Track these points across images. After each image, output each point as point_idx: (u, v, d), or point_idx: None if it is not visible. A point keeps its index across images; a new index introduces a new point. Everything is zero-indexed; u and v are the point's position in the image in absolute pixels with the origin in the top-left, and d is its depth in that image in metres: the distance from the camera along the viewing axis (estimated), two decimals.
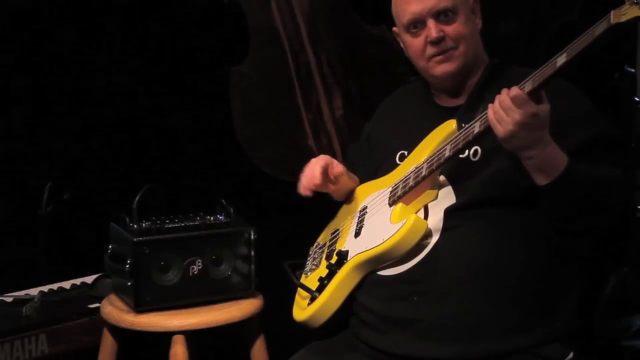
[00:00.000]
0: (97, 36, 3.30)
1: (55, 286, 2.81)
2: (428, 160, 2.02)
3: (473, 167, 2.01)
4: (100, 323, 2.53)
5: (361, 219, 2.19)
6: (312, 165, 2.24)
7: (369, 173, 2.28)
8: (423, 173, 2.01)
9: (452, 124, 2.04)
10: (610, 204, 1.88)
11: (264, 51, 3.12)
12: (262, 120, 3.15)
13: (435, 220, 1.99)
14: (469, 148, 2.00)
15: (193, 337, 2.44)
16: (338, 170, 2.23)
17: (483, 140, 1.94)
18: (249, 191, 3.34)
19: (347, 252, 2.11)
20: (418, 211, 2.04)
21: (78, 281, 2.88)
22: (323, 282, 2.10)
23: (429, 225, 1.98)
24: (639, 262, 2.05)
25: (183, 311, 2.43)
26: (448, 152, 1.96)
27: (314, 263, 2.26)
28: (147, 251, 2.38)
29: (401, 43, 2.20)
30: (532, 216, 1.94)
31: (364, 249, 2.04)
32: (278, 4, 3.09)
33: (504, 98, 1.80)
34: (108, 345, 2.53)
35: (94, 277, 2.78)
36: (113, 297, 2.54)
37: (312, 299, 2.10)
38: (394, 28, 2.20)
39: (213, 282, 2.47)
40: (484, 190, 1.96)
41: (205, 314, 2.43)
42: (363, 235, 2.13)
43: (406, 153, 2.16)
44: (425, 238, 1.97)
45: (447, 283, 1.91)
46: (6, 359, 2.44)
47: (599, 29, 1.68)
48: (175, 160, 3.44)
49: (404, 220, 1.97)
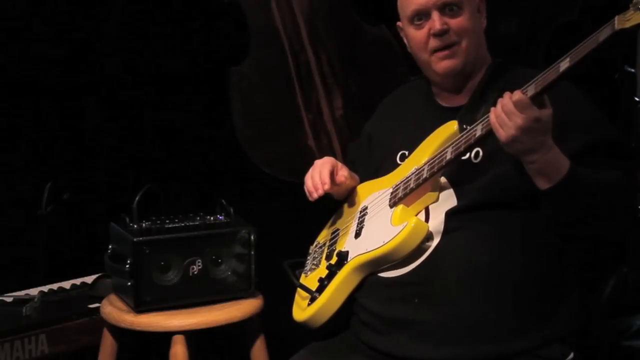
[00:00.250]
0: (97, 35, 3.29)
1: (55, 286, 2.81)
2: (429, 162, 2.01)
3: (474, 169, 2.00)
4: (100, 323, 2.53)
5: (361, 220, 2.19)
6: (318, 168, 2.22)
7: (369, 172, 2.28)
8: (424, 175, 2.00)
9: (454, 125, 2.03)
10: (612, 209, 1.87)
11: (264, 51, 3.11)
12: (262, 120, 3.14)
13: (436, 222, 1.98)
14: (471, 151, 1.99)
15: (193, 337, 2.44)
16: (343, 173, 2.23)
17: (485, 142, 1.93)
18: (249, 191, 3.34)
19: (347, 253, 2.11)
20: (419, 213, 2.04)
21: (78, 281, 2.87)
22: (323, 283, 2.10)
23: (430, 227, 1.98)
24: (639, 262, 2.04)
25: (183, 311, 2.43)
26: (449, 155, 1.96)
27: (314, 263, 2.26)
28: (147, 251, 2.38)
29: (404, 38, 2.19)
30: (534, 219, 1.93)
31: (364, 251, 2.04)
32: (278, 4, 3.09)
33: (507, 102, 1.79)
34: (108, 345, 2.53)
35: (94, 277, 2.77)
36: (113, 297, 2.54)
37: (312, 300, 2.11)
38: (398, 23, 2.18)
39: (213, 282, 2.46)
40: (485, 193, 1.96)
41: (205, 314, 2.42)
42: (363, 236, 2.13)
43: (407, 153, 2.15)
44: (426, 241, 1.97)
45: (448, 286, 1.91)
46: (6, 359, 2.43)
47: (603, 35, 1.66)
48: (175, 160, 3.44)
49: (405, 222, 1.97)
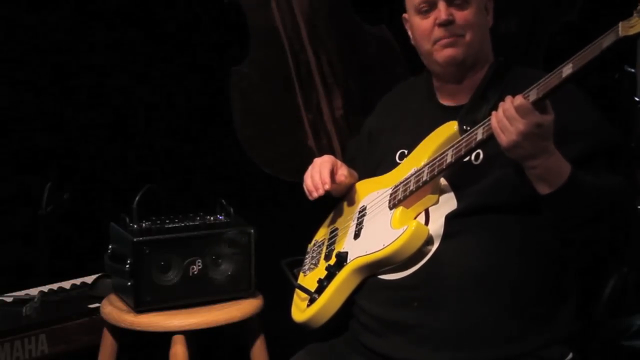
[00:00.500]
0: (97, 35, 3.29)
1: (55, 286, 2.81)
2: (429, 164, 2.00)
3: (475, 171, 1.99)
4: (100, 323, 2.53)
5: (360, 221, 2.18)
6: (318, 167, 2.21)
7: (368, 170, 2.27)
8: (424, 178, 1.99)
9: (454, 126, 2.01)
10: (613, 214, 1.86)
11: (264, 51, 3.12)
12: (262, 120, 3.14)
13: (436, 226, 1.97)
14: (471, 154, 1.97)
15: (193, 337, 2.44)
16: (342, 172, 2.22)
17: (486, 145, 1.91)
18: (249, 191, 3.34)
19: (347, 254, 2.10)
20: (418, 215, 2.03)
21: (78, 281, 2.87)
22: (322, 284, 2.10)
23: (430, 231, 1.97)
24: (639, 262, 2.04)
25: (183, 311, 2.43)
26: (450, 158, 1.94)
27: (313, 262, 2.26)
28: (147, 251, 2.38)
29: (408, 30, 2.17)
30: (533, 223, 1.92)
31: (364, 253, 2.03)
32: (278, 4, 3.09)
33: (508, 107, 1.77)
34: (108, 345, 2.53)
35: (94, 277, 2.77)
36: (113, 297, 2.54)
37: (311, 301, 2.10)
38: (404, 14, 2.17)
39: (213, 282, 2.46)
40: (486, 196, 1.94)
41: (205, 314, 2.42)
42: (363, 237, 2.12)
43: (406, 152, 2.14)
44: (426, 245, 1.96)
45: (448, 290, 1.90)
46: (6, 359, 2.43)
47: (607, 41, 1.64)
48: (175, 160, 3.44)
49: (405, 226, 1.96)
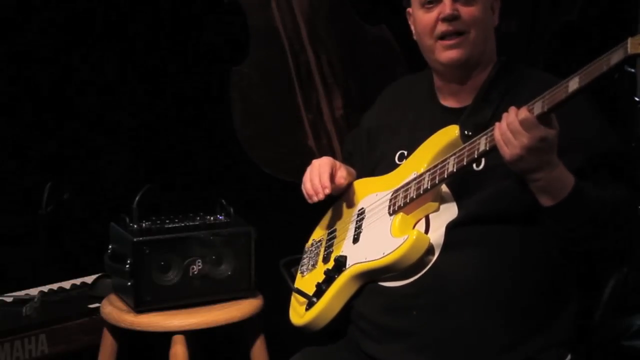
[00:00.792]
0: (96, 35, 3.29)
1: (55, 286, 2.81)
2: (430, 171, 1.97)
3: (476, 178, 1.95)
4: (100, 323, 2.53)
5: (359, 224, 2.14)
6: (317, 170, 2.18)
7: (367, 169, 2.24)
8: (425, 185, 1.96)
9: (455, 130, 1.98)
10: (616, 226, 1.84)
11: (264, 51, 3.12)
12: (262, 120, 3.15)
13: (436, 235, 1.95)
14: (473, 164, 1.94)
15: (193, 337, 2.44)
16: (342, 174, 2.19)
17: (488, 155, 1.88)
18: (249, 191, 3.34)
19: (346, 259, 2.07)
20: (419, 221, 2.00)
21: (78, 281, 2.87)
22: (321, 288, 2.07)
23: (431, 240, 1.94)
24: (639, 262, 2.04)
25: (183, 311, 2.43)
26: (452, 167, 1.91)
27: (311, 263, 2.23)
28: (147, 251, 2.38)
29: (411, 25, 2.14)
30: (535, 232, 1.90)
31: (364, 260, 2.01)
32: (278, 4, 3.09)
33: (512, 120, 1.74)
34: (108, 345, 2.53)
35: (94, 277, 2.77)
36: (113, 297, 2.54)
37: (310, 304, 2.08)
38: (408, 9, 2.14)
39: (213, 282, 2.46)
40: (487, 205, 1.92)
41: (205, 314, 2.42)
42: (362, 243, 2.09)
43: (406, 153, 2.12)
44: (427, 255, 1.94)
45: (447, 299, 1.89)
46: (6, 359, 2.44)
47: (615, 58, 1.60)
48: (175, 160, 3.44)
49: (406, 236, 1.93)
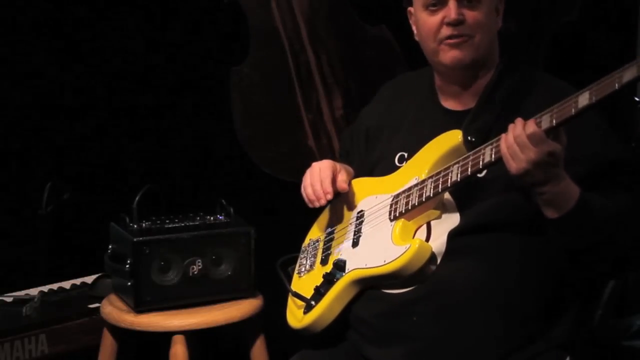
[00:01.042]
0: (95, 37, 3.30)
1: (55, 286, 2.81)
2: (433, 178, 1.94)
3: (479, 186, 1.92)
4: (100, 323, 2.53)
5: (358, 228, 2.11)
6: (318, 175, 2.14)
7: (365, 169, 2.21)
8: (428, 193, 1.93)
9: (458, 136, 1.94)
10: (622, 236, 1.82)
11: (264, 51, 3.12)
12: (262, 120, 3.15)
13: (438, 243, 1.93)
14: (478, 174, 1.90)
15: (193, 337, 2.44)
16: (343, 178, 2.15)
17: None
18: (249, 191, 3.34)
19: (345, 264, 2.05)
20: (420, 228, 1.98)
21: (78, 281, 2.87)
22: (319, 291, 2.05)
23: (432, 248, 1.92)
24: (639, 262, 2.04)
25: (183, 311, 2.43)
26: (455, 177, 1.88)
27: (308, 264, 2.20)
28: (147, 251, 2.38)
29: (413, 25, 2.10)
30: (537, 241, 1.88)
31: (364, 266, 1.98)
32: (278, 4, 3.09)
33: (520, 133, 1.71)
34: (108, 345, 2.53)
35: (94, 277, 2.78)
36: (113, 297, 2.54)
37: (308, 308, 2.06)
38: (410, 8, 2.10)
39: (213, 282, 2.46)
40: (490, 214, 1.90)
41: (205, 314, 2.43)
42: (362, 247, 2.06)
43: (406, 155, 2.08)
44: (428, 264, 1.92)
45: (447, 305, 1.88)
46: (6, 359, 2.44)
47: (627, 76, 1.57)
48: (175, 160, 3.44)
49: (408, 245, 1.90)
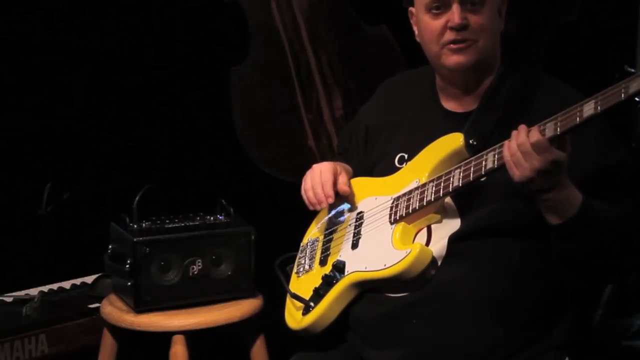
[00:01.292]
0: (96, 34, 3.30)
1: (55, 286, 2.81)
2: (434, 182, 1.92)
3: (480, 190, 1.91)
4: (100, 323, 2.53)
5: (358, 229, 2.10)
6: (319, 178, 2.12)
7: (364, 168, 2.20)
8: (429, 197, 1.92)
9: (459, 139, 1.93)
10: (624, 243, 1.82)
11: (264, 51, 3.12)
12: (262, 120, 3.15)
13: (438, 247, 1.92)
14: (479, 180, 1.89)
15: (193, 337, 2.44)
16: (343, 181, 2.14)
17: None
18: (249, 191, 3.34)
19: (344, 266, 2.03)
20: (420, 231, 1.98)
21: (78, 281, 2.87)
22: (318, 293, 2.03)
23: (433, 252, 1.91)
24: (639, 263, 2.04)
25: (183, 311, 2.43)
26: (457, 182, 1.87)
27: (307, 264, 2.19)
28: (147, 251, 2.38)
29: (414, 25, 2.08)
30: (536, 245, 1.88)
31: (363, 269, 1.97)
32: (278, 4, 3.09)
33: (523, 141, 1.70)
34: (108, 345, 2.53)
35: (94, 277, 2.78)
36: (113, 297, 2.54)
37: (307, 309, 2.05)
38: (411, 8, 2.07)
39: (213, 282, 2.46)
40: (490, 218, 1.89)
41: (205, 314, 2.43)
42: (362, 250, 2.05)
43: (406, 156, 2.07)
44: (429, 268, 1.91)
45: (447, 308, 1.88)
46: (6, 359, 2.44)
47: (634, 86, 1.56)
48: (175, 160, 3.44)
49: (408, 249, 1.90)
